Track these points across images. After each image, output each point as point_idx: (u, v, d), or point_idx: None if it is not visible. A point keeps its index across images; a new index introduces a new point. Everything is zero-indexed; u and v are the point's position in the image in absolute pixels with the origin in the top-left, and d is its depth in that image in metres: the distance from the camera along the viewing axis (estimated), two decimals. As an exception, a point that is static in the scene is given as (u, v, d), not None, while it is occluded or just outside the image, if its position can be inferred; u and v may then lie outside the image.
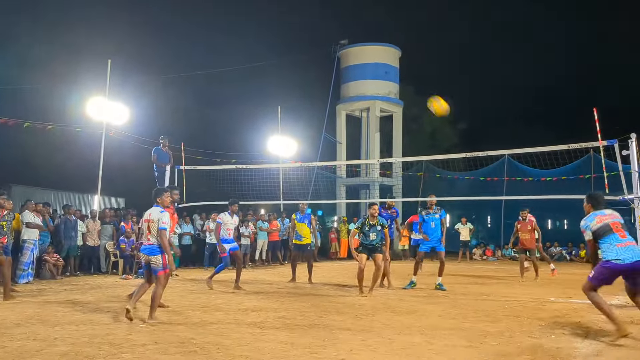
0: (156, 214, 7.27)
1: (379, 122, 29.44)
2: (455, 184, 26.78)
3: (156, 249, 7.15)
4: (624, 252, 5.91)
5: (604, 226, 6.14)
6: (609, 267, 6.05)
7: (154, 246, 7.17)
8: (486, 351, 5.59)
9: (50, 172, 22.83)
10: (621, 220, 6.27)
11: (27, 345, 5.63)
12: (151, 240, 7.20)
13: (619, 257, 5.94)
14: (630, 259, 5.87)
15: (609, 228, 6.10)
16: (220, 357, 5.27)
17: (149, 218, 7.29)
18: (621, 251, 5.92)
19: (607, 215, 6.26)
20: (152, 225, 7.21)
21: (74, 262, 13.77)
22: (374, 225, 10.09)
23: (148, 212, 7.42)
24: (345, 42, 30.30)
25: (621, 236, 6.02)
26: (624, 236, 6.03)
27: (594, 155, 21.34)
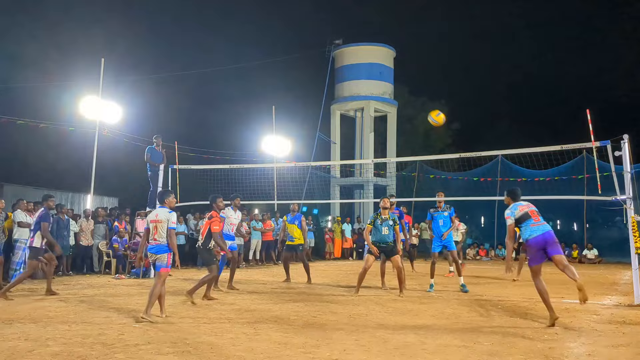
0: (164, 214, 7.51)
1: (373, 122, 29.49)
2: (449, 184, 26.82)
3: (164, 248, 7.40)
4: (536, 229, 7.35)
5: (524, 214, 7.56)
6: (530, 244, 7.37)
7: (161, 245, 7.41)
8: (479, 351, 5.60)
9: (42, 171, 22.75)
10: (536, 209, 7.69)
11: (18, 345, 5.59)
12: (158, 239, 7.42)
13: (532, 234, 7.34)
14: (541, 231, 7.31)
15: (528, 215, 7.53)
16: (213, 357, 5.26)
17: (156, 219, 7.51)
18: (534, 229, 7.37)
19: (524, 205, 7.73)
20: (161, 225, 7.43)
21: (66, 261, 13.71)
22: (386, 220, 10.07)
23: (154, 212, 7.67)
24: (339, 42, 30.33)
25: (535, 220, 7.46)
26: (537, 219, 7.48)
27: (587, 156, 21.43)
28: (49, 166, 22.95)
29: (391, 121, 30.21)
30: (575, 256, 22.23)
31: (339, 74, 30.16)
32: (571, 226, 27.55)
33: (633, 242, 9.15)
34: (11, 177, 20.28)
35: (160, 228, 7.43)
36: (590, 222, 24.62)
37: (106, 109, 16.62)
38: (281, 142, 24.18)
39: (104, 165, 18.47)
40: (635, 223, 9.24)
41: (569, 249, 22.89)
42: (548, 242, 7.26)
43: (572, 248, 22.76)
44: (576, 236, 24.49)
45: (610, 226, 25.78)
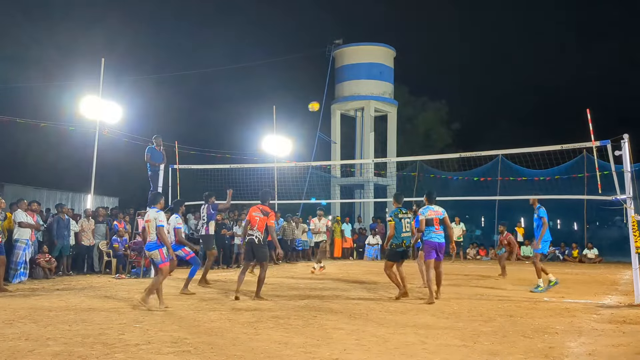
0: (152, 214, 8.29)
1: (373, 121, 29.48)
2: (449, 184, 26.84)
3: (152, 245, 8.19)
4: (434, 236, 9.37)
5: (430, 220, 9.41)
6: (427, 243, 9.44)
7: (152, 242, 8.20)
8: (480, 350, 5.60)
9: (43, 171, 22.76)
10: (440, 217, 9.47)
11: (19, 345, 5.60)
12: (149, 238, 8.23)
13: (432, 238, 9.38)
14: (437, 239, 9.39)
15: (432, 222, 9.41)
16: (214, 356, 5.26)
17: (147, 218, 8.32)
18: (433, 235, 9.38)
19: (434, 211, 9.51)
20: (150, 224, 8.21)
21: (66, 261, 13.71)
22: (406, 214, 9.64)
23: (147, 214, 8.51)
24: (340, 41, 30.32)
25: (436, 228, 9.41)
26: (437, 228, 9.41)
27: (587, 156, 21.42)
28: (50, 166, 22.97)
29: (391, 121, 30.20)
30: (576, 256, 22.22)
31: (339, 74, 30.15)
32: (571, 226, 27.56)
33: (633, 241, 9.15)
34: (12, 177, 20.31)
35: (150, 227, 8.19)
36: (591, 221, 24.62)
37: (106, 108, 16.62)
38: (282, 142, 24.18)
39: (105, 165, 18.48)
40: (635, 222, 9.24)
41: (569, 248, 22.89)
42: (441, 248, 9.46)
43: (572, 247, 22.74)
44: (576, 236, 24.48)
45: (611, 226, 25.79)
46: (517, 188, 21.88)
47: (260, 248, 9.20)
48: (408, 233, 9.54)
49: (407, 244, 9.54)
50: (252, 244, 9.22)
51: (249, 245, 9.27)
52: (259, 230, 9.17)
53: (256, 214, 9.26)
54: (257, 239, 9.16)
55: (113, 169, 21.95)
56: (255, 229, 9.20)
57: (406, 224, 9.53)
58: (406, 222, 9.54)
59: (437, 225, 9.40)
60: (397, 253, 9.52)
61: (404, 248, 9.49)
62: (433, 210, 9.48)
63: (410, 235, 9.59)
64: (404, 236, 9.47)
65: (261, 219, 9.18)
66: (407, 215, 9.62)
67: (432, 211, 9.47)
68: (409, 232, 9.55)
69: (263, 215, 9.18)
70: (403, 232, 9.46)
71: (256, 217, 9.25)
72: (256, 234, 9.18)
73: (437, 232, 9.39)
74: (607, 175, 10.06)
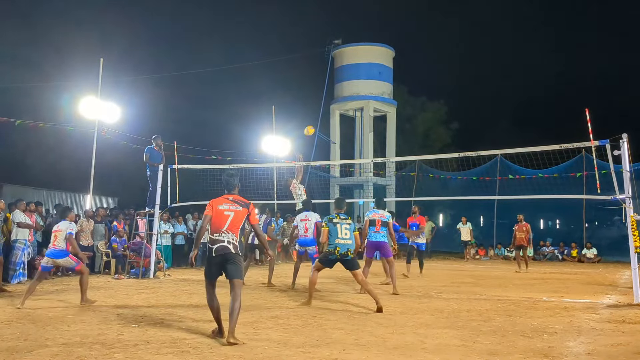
0: (64, 225, 8.79)
1: (372, 121, 29.47)
2: (448, 184, 26.86)
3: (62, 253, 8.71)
4: (374, 235, 10.36)
5: (373, 220, 10.40)
6: (368, 244, 10.49)
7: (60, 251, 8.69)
8: (479, 350, 5.60)
9: (42, 172, 22.71)
10: (383, 219, 10.38)
11: (18, 345, 5.59)
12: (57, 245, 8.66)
13: (371, 239, 10.42)
14: (375, 238, 10.35)
15: (375, 223, 10.37)
16: (213, 357, 5.26)
17: (58, 229, 8.77)
18: (373, 235, 10.38)
19: (379, 214, 10.45)
20: (60, 234, 8.71)
21: (65, 262, 13.67)
22: (345, 220, 8.77)
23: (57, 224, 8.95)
24: (339, 41, 30.30)
25: (377, 228, 10.35)
26: (378, 228, 10.35)
27: (586, 155, 21.44)
28: (49, 166, 22.92)
29: (390, 121, 30.21)
30: (575, 255, 22.23)
31: (339, 74, 30.15)
32: (570, 225, 27.57)
33: (632, 241, 9.15)
34: (10, 178, 20.28)
35: (59, 236, 8.66)
36: (590, 221, 24.63)
37: (105, 109, 16.60)
38: (281, 142, 24.17)
39: (104, 165, 18.46)
40: (634, 222, 9.25)
41: (568, 248, 22.90)
42: (380, 247, 10.40)
43: (572, 247, 22.75)
44: (575, 235, 24.49)
45: (610, 225, 25.81)
46: (516, 188, 21.89)
47: (236, 260, 6.14)
48: (345, 240, 8.45)
49: (342, 252, 8.38)
50: (223, 255, 6.10)
51: (219, 258, 6.10)
52: (232, 232, 6.17)
53: (225, 207, 6.22)
54: (231, 245, 6.13)
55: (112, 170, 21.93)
56: (226, 231, 6.14)
57: (343, 229, 8.51)
58: (343, 228, 8.52)
59: (379, 226, 10.35)
60: (328, 260, 8.57)
61: (336, 256, 8.41)
62: (377, 213, 10.46)
63: (349, 243, 8.45)
64: (337, 242, 8.41)
65: (237, 214, 6.22)
66: (345, 221, 8.61)
67: (377, 214, 10.45)
68: (346, 239, 8.47)
69: (241, 208, 6.26)
70: (338, 237, 8.44)
71: (226, 211, 6.19)
72: (228, 237, 6.13)
73: (376, 232, 10.35)
74: (606, 174, 10.06)
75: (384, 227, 10.35)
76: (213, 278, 6.21)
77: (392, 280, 10.47)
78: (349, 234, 8.52)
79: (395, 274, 10.57)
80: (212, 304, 6.20)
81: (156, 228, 13.77)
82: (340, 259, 8.46)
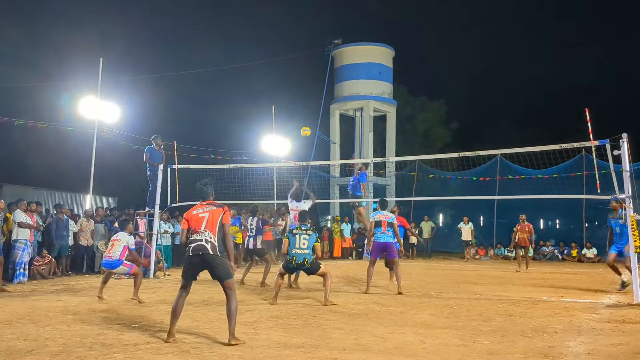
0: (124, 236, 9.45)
1: (372, 121, 29.48)
2: (448, 184, 26.85)
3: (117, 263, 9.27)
4: (382, 236, 10.45)
5: (378, 222, 10.51)
6: (374, 245, 10.53)
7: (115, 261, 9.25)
8: (479, 350, 5.60)
9: (42, 171, 22.71)
10: (388, 220, 10.51)
11: (17, 345, 5.59)
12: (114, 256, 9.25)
13: (378, 239, 10.48)
14: (383, 240, 10.44)
15: (380, 224, 10.50)
16: (213, 356, 5.26)
17: (117, 238, 9.42)
18: (380, 236, 10.47)
19: (383, 215, 10.59)
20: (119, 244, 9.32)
21: (65, 261, 13.69)
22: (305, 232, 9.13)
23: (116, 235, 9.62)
24: (339, 41, 30.31)
25: (383, 229, 10.45)
26: (384, 229, 10.44)
27: (586, 155, 21.44)
28: (48, 166, 22.92)
29: (390, 121, 30.22)
30: (575, 255, 22.23)
31: (339, 74, 30.15)
32: (570, 225, 27.56)
33: (632, 241, 9.15)
34: (10, 178, 20.27)
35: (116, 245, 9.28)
36: (590, 221, 24.62)
37: (105, 109, 16.59)
38: (281, 142, 24.16)
39: (103, 165, 18.45)
40: (634, 222, 9.25)
41: (568, 248, 22.89)
42: (387, 247, 10.48)
43: (571, 247, 22.75)
44: (575, 235, 24.48)
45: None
46: (516, 188, 21.89)
47: (216, 261, 5.96)
48: (302, 250, 8.86)
49: (298, 262, 8.81)
50: (201, 256, 5.96)
51: (196, 258, 5.97)
52: (210, 231, 6.04)
53: (200, 210, 6.19)
54: (209, 245, 5.96)
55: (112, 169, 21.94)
56: (204, 230, 6.04)
57: (302, 240, 8.92)
58: (302, 239, 8.93)
59: (385, 227, 10.47)
60: (288, 268, 9.06)
61: (293, 265, 8.91)
62: (382, 214, 10.61)
63: (305, 253, 8.85)
64: (294, 252, 8.85)
65: (212, 213, 6.12)
66: (305, 232, 9.00)
67: (382, 215, 10.60)
68: (303, 248, 8.87)
69: (215, 207, 6.18)
70: (295, 247, 8.88)
71: (201, 214, 6.14)
72: (205, 236, 6.00)
73: (383, 233, 10.47)
74: (606, 174, 10.06)
75: (390, 227, 10.49)
76: (189, 280, 6.09)
77: (397, 279, 10.50)
78: (307, 244, 8.92)
79: (401, 273, 10.59)
80: (177, 305, 6.05)
81: (156, 228, 13.76)
82: (297, 268, 9.06)
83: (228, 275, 5.98)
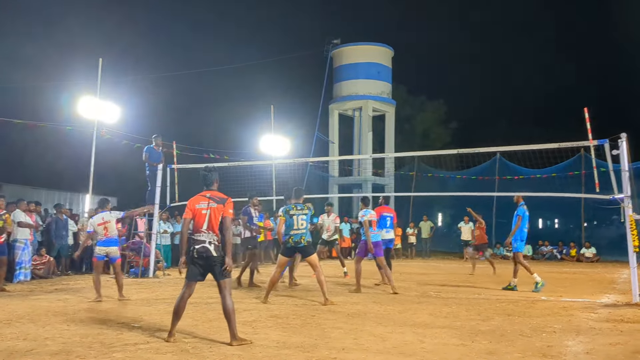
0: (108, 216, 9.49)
1: (371, 121, 29.50)
2: (447, 183, 26.85)
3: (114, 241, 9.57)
4: (373, 236, 10.35)
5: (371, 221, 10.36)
6: (362, 243, 10.41)
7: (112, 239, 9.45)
8: (477, 349, 5.62)
9: (41, 171, 22.71)
10: (376, 219, 10.65)
11: (17, 345, 5.60)
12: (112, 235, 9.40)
13: (376, 238, 10.40)
14: (376, 239, 10.41)
15: (371, 223, 10.46)
16: (212, 355, 5.27)
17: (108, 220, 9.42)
18: (375, 235, 10.42)
19: (373, 214, 10.63)
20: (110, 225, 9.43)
21: (65, 261, 13.69)
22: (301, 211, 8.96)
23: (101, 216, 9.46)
24: (337, 41, 30.33)
25: (374, 228, 10.48)
26: (374, 228, 10.49)
27: (585, 155, 21.45)
28: (48, 166, 22.92)
29: (389, 121, 30.23)
30: (574, 255, 22.25)
31: (337, 74, 30.17)
32: (569, 225, 27.58)
33: (631, 240, 9.17)
34: (10, 177, 20.28)
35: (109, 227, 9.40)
36: (588, 220, 24.65)
37: (104, 109, 16.60)
38: (279, 142, 24.15)
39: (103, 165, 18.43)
40: (633, 221, 9.26)
41: (567, 247, 22.91)
42: (377, 245, 10.36)
43: (570, 246, 22.76)
44: (574, 234, 24.50)
45: (608, 225, 25.81)
46: (514, 187, 21.90)
47: (219, 262, 5.87)
48: (299, 230, 8.77)
49: (295, 240, 8.75)
50: (205, 258, 5.88)
51: (200, 260, 5.89)
52: (212, 232, 5.90)
53: (203, 205, 5.96)
54: (212, 246, 5.86)
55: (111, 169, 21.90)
56: (205, 230, 5.89)
57: (300, 220, 8.80)
58: (299, 219, 8.80)
59: (375, 226, 10.61)
60: (286, 249, 8.93)
61: (291, 244, 8.81)
62: (372, 213, 10.62)
63: (302, 232, 8.78)
64: (292, 233, 8.78)
65: (213, 211, 5.92)
66: (302, 212, 8.86)
67: (371, 214, 10.58)
68: (301, 229, 8.78)
69: (216, 204, 5.94)
70: (293, 229, 8.77)
71: (203, 210, 5.93)
72: (208, 238, 5.88)
73: (374, 231, 10.51)
74: (605, 173, 10.06)
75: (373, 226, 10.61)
76: (193, 279, 6.00)
77: (359, 277, 10.48)
78: (304, 224, 8.85)
79: (389, 272, 10.62)
80: (179, 305, 5.97)
81: (155, 227, 13.77)
82: (294, 246, 8.85)
83: (226, 275, 5.90)
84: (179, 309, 5.96)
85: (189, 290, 6.04)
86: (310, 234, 9.00)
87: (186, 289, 6.02)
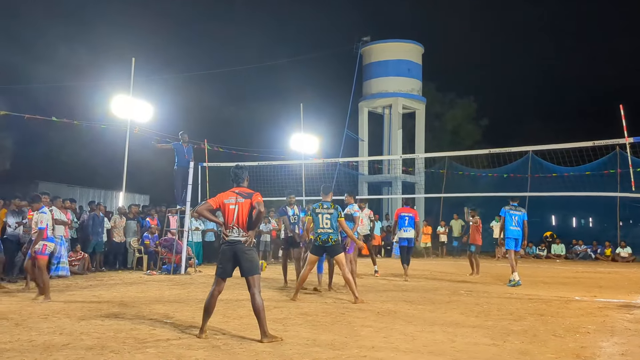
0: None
1: (401, 119, 29.31)
2: (478, 181, 26.57)
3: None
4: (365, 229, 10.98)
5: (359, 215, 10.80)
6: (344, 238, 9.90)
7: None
8: (509, 349, 5.55)
9: (76, 169, 23.21)
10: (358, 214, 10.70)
11: (53, 339, 5.74)
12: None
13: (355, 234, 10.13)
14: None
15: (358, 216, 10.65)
16: (243, 352, 5.32)
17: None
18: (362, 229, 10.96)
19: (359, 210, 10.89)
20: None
21: (99, 258, 13.98)
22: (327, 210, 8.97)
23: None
24: (367, 38, 30.18)
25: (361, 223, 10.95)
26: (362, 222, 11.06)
27: (620, 152, 21.00)
28: (82, 164, 23.41)
29: (419, 118, 29.99)
30: (608, 254, 21.82)
31: (367, 71, 30.04)
32: (604, 224, 27.05)
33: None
34: (46, 175, 20.78)
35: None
36: (624, 219, 24.14)
37: (137, 107, 16.88)
38: (309, 140, 24.22)
39: (136, 162, 18.76)
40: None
41: (601, 247, 22.47)
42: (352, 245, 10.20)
43: (605, 246, 22.34)
44: (609, 234, 24.03)
45: (645, 224, 25.27)
46: (547, 185, 21.57)
47: (247, 253, 5.95)
48: (325, 229, 8.77)
49: (323, 239, 8.74)
50: (236, 250, 5.92)
51: (230, 252, 5.94)
52: (240, 228, 5.94)
53: (231, 200, 6.01)
54: (244, 238, 5.94)
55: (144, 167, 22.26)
56: (234, 226, 5.95)
57: (324, 219, 8.80)
58: (324, 218, 8.80)
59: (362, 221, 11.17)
60: (315, 247, 8.89)
61: (319, 243, 8.79)
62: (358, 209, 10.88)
63: (329, 231, 8.76)
64: (319, 232, 8.80)
65: (241, 207, 5.96)
66: (327, 211, 8.84)
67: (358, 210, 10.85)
68: (326, 228, 8.77)
69: (243, 199, 5.98)
70: (319, 227, 8.80)
71: (231, 205, 5.99)
72: (237, 232, 5.95)
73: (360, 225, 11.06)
74: (640, 171, 9.86)
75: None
76: (223, 275, 6.03)
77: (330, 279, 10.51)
78: (329, 223, 8.78)
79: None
80: (209, 302, 6.01)
81: (187, 225, 13.95)
82: (322, 245, 8.80)
83: (254, 270, 5.95)
84: (210, 306, 6.02)
85: (218, 287, 6.09)
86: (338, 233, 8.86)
87: (216, 286, 6.08)
